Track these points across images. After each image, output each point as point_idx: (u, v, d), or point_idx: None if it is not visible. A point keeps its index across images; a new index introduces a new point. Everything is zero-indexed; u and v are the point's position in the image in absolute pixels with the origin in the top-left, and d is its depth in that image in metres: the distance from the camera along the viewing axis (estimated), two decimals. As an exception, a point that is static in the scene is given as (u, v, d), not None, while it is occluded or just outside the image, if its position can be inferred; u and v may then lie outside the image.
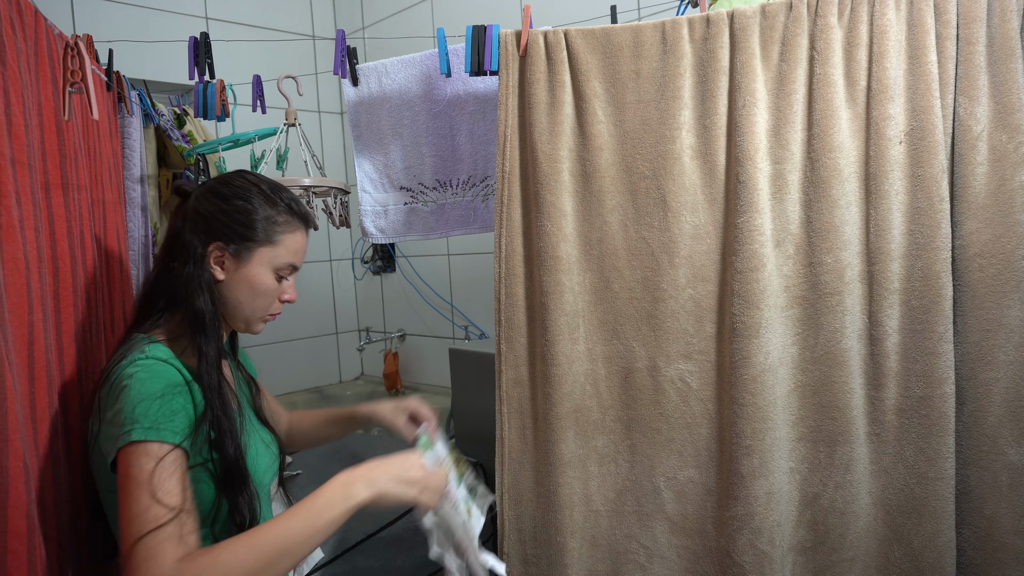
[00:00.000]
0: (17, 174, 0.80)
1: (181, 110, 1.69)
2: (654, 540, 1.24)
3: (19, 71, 0.83)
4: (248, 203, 0.99)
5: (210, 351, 0.94)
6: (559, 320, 1.21)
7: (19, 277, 0.78)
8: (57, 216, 0.95)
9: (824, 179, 1.14)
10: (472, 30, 1.26)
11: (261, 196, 1.00)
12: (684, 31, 1.17)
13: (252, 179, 1.02)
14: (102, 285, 1.16)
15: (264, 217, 1.00)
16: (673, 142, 1.18)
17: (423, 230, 1.63)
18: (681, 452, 1.22)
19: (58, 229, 0.95)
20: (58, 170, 0.97)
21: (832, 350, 1.16)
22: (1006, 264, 1.10)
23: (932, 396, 1.13)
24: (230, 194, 0.99)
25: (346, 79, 1.57)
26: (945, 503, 1.14)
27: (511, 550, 1.27)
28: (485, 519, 1.06)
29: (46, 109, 0.95)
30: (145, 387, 0.85)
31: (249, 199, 0.99)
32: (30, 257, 0.81)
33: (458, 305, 2.52)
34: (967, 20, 1.10)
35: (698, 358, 1.20)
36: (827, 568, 1.19)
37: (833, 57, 1.13)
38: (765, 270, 1.14)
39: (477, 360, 1.79)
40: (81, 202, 1.06)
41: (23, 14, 0.90)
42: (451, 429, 2.21)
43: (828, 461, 1.18)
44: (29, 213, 0.83)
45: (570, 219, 1.22)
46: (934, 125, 1.11)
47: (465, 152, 1.56)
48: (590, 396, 1.24)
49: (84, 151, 1.12)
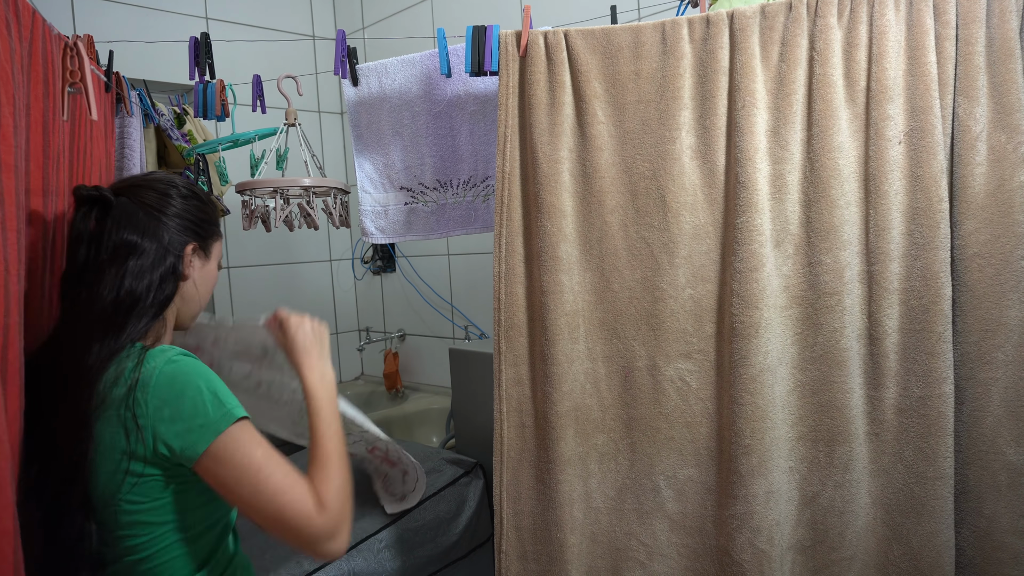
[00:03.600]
0: (3, 177, 0.80)
1: (181, 110, 1.70)
2: (654, 538, 1.24)
3: (11, 72, 0.83)
4: (198, 201, 1.01)
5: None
6: (559, 320, 1.21)
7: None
8: (35, 219, 0.94)
9: (824, 179, 1.14)
10: (472, 30, 1.26)
11: (201, 194, 1.04)
12: (684, 31, 1.17)
13: (180, 179, 1.03)
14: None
15: (211, 213, 1.03)
16: (673, 142, 1.18)
17: (423, 230, 1.63)
18: (681, 451, 1.22)
19: (34, 232, 0.94)
20: (40, 172, 0.96)
21: (831, 350, 1.16)
22: (1005, 264, 1.10)
23: (931, 396, 1.13)
24: (178, 195, 0.99)
25: (346, 79, 1.57)
26: (944, 502, 1.14)
27: (509, 546, 1.27)
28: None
29: (34, 110, 0.94)
30: (205, 374, 0.89)
31: (197, 197, 1.02)
32: (10, 259, 0.80)
33: (458, 305, 2.53)
34: (966, 21, 1.10)
35: (698, 357, 1.21)
36: (826, 567, 1.20)
37: (833, 57, 1.13)
38: (764, 270, 1.14)
39: (477, 360, 1.79)
40: (58, 207, 1.05)
41: (20, 14, 0.90)
42: (451, 429, 2.21)
43: (827, 460, 1.18)
44: (12, 215, 0.82)
45: (570, 219, 1.22)
46: (933, 125, 1.11)
47: (465, 152, 1.56)
48: (590, 395, 1.24)
49: (69, 154, 1.11)
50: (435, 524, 1.60)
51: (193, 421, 0.85)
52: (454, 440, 1.95)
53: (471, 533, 1.68)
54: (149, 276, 0.93)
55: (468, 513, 1.68)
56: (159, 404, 0.85)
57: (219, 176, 1.74)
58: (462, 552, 1.66)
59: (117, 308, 0.91)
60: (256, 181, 1.47)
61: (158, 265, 0.94)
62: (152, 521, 0.90)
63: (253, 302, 2.57)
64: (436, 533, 1.60)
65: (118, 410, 0.86)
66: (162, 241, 0.95)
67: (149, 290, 0.93)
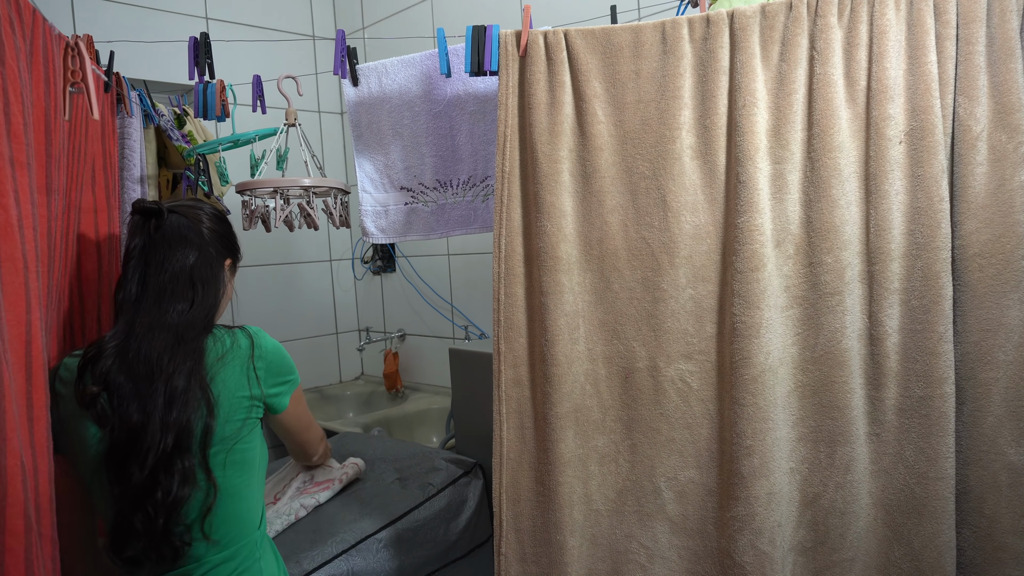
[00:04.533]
0: (16, 174, 0.80)
1: (181, 110, 1.69)
2: (655, 540, 1.24)
3: (18, 70, 0.83)
4: (229, 225, 1.24)
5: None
6: (559, 320, 1.21)
7: (17, 276, 0.78)
8: (40, 216, 0.95)
9: (824, 179, 1.14)
10: (472, 30, 1.26)
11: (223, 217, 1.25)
12: (684, 31, 1.17)
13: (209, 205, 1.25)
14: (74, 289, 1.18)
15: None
16: (673, 142, 1.18)
17: (423, 230, 1.63)
18: (682, 452, 1.22)
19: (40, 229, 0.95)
20: (43, 170, 0.97)
21: (832, 350, 1.16)
22: (1006, 264, 1.10)
23: (932, 396, 1.13)
24: (219, 217, 1.21)
25: (346, 79, 1.57)
26: (945, 503, 1.14)
27: (509, 549, 1.27)
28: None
29: (36, 109, 0.95)
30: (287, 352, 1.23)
31: (225, 220, 1.24)
32: (28, 256, 0.81)
33: (458, 305, 2.53)
34: (967, 20, 1.10)
35: (698, 358, 1.20)
36: (827, 568, 1.20)
37: (833, 57, 1.13)
38: (765, 270, 1.14)
39: (477, 360, 1.79)
40: (58, 205, 1.06)
41: (22, 13, 0.90)
42: (451, 429, 2.21)
43: (828, 461, 1.18)
44: (28, 212, 0.83)
45: (570, 219, 1.22)
46: (934, 125, 1.11)
47: (465, 152, 1.56)
48: (590, 396, 1.24)
49: (66, 153, 1.12)
50: (434, 524, 1.60)
51: (290, 384, 1.21)
52: (454, 440, 1.95)
53: (471, 533, 1.68)
54: (216, 283, 1.16)
55: (468, 513, 1.68)
56: (271, 365, 1.16)
57: (219, 176, 1.74)
58: (461, 552, 1.66)
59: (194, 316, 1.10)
60: (256, 181, 1.47)
61: (218, 281, 1.17)
62: (252, 460, 1.12)
63: (253, 302, 2.57)
64: (435, 533, 1.60)
65: (243, 363, 1.11)
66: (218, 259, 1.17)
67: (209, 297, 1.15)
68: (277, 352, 1.18)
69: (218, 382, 1.08)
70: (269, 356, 1.16)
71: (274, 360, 1.16)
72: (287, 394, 1.21)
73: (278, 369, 1.17)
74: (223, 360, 1.10)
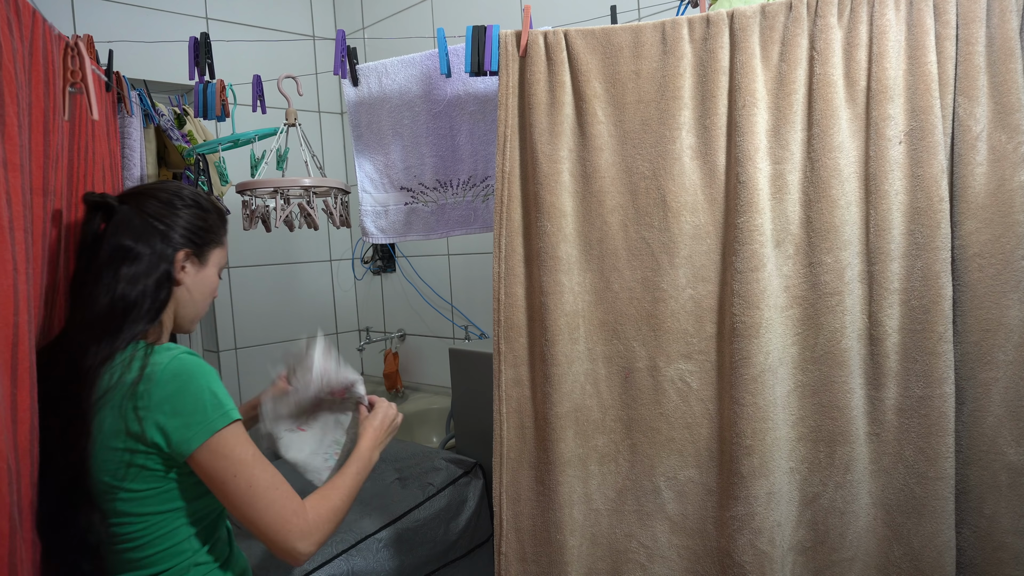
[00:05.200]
0: (9, 176, 0.80)
1: (181, 110, 1.70)
2: (654, 539, 1.24)
3: (15, 72, 0.83)
4: (199, 209, 1.06)
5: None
6: (559, 320, 1.21)
7: (6, 278, 0.77)
8: (36, 217, 0.95)
9: (824, 179, 1.14)
10: (472, 30, 1.26)
11: (204, 203, 1.08)
12: (684, 31, 1.17)
13: (187, 189, 1.08)
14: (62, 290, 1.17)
15: (212, 222, 1.08)
16: (673, 142, 1.18)
17: (423, 230, 1.63)
18: (681, 452, 1.22)
19: (35, 231, 0.95)
20: (40, 171, 0.97)
21: (832, 350, 1.16)
22: (1005, 264, 1.10)
23: (932, 396, 1.13)
24: (181, 204, 1.05)
25: (346, 79, 1.57)
26: (945, 503, 1.14)
27: (509, 548, 1.27)
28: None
29: (35, 110, 0.94)
30: (207, 373, 0.93)
31: (199, 206, 1.07)
32: (18, 259, 0.81)
33: (458, 305, 2.53)
34: (966, 20, 1.10)
35: (698, 358, 1.20)
36: (827, 568, 1.20)
37: (833, 57, 1.13)
38: (765, 270, 1.14)
39: (477, 360, 1.79)
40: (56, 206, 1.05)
41: (20, 14, 0.90)
42: (451, 429, 2.21)
43: (828, 461, 1.18)
44: (19, 214, 0.83)
45: (570, 219, 1.22)
46: (934, 125, 1.11)
47: (465, 152, 1.56)
48: (590, 396, 1.24)
49: (68, 154, 1.11)
50: (434, 524, 1.60)
51: (192, 417, 0.90)
52: (454, 440, 1.95)
53: (470, 533, 1.68)
54: (144, 282, 0.98)
55: (468, 513, 1.68)
56: (162, 398, 0.90)
57: (219, 176, 1.74)
58: (461, 552, 1.66)
59: (112, 312, 0.95)
60: (256, 181, 1.47)
61: (152, 271, 0.99)
62: (149, 511, 0.94)
63: (253, 302, 2.57)
64: (435, 533, 1.60)
65: (121, 400, 0.90)
66: (155, 248, 1.00)
67: (144, 296, 0.97)
68: (178, 379, 0.90)
69: (96, 423, 0.90)
70: (163, 381, 0.90)
71: (170, 388, 0.90)
72: (196, 438, 0.90)
73: (174, 400, 0.90)
74: (104, 397, 0.90)
